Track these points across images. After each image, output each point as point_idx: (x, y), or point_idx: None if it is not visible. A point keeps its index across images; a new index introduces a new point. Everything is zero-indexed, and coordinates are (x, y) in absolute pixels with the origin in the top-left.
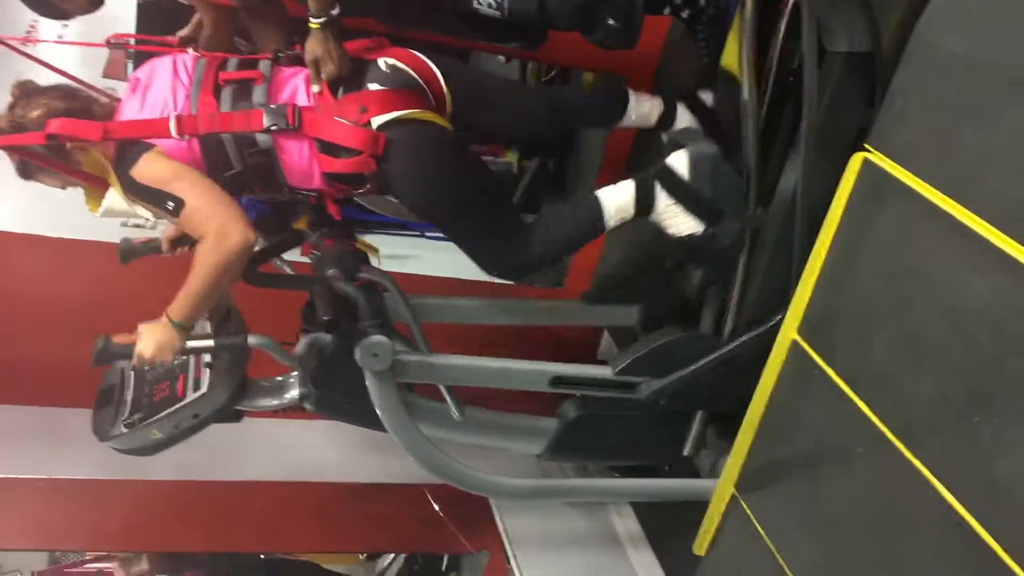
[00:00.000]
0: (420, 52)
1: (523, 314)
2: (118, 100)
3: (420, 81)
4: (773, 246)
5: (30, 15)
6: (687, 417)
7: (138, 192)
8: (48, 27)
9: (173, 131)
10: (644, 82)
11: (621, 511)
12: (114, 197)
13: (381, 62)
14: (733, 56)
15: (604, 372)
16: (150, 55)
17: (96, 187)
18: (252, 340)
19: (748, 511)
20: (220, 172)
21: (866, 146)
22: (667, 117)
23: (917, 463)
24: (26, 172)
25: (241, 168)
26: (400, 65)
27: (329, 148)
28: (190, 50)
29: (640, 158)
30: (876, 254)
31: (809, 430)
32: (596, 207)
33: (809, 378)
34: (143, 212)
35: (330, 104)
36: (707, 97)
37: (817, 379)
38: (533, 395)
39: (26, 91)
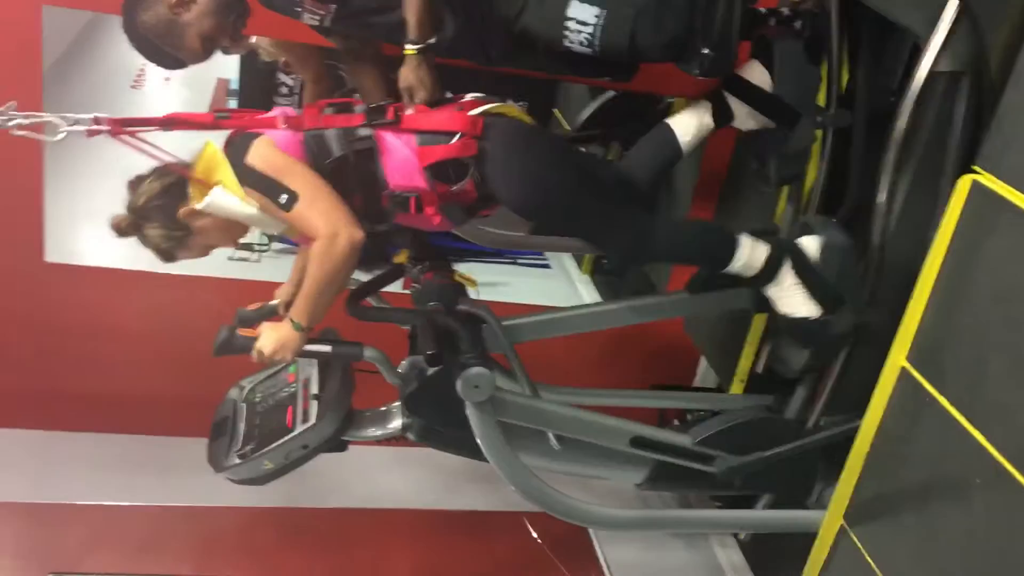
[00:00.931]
0: None
1: (616, 317)
2: None
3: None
4: (878, 343)
5: (140, 60)
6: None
7: (253, 181)
8: (156, 71)
9: (281, 123)
10: None
11: (724, 541)
12: (218, 192)
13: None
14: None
15: (684, 440)
16: (253, 98)
17: (203, 187)
18: (367, 352)
19: (858, 543)
20: (323, 161)
21: (975, 168)
22: (722, 114)
23: None
24: (168, 257)
25: (343, 154)
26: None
27: (429, 139)
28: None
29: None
30: (988, 277)
31: (921, 460)
32: (733, 244)
33: (920, 406)
34: (249, 210)
35: (426, 110)
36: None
37: (928, 407)
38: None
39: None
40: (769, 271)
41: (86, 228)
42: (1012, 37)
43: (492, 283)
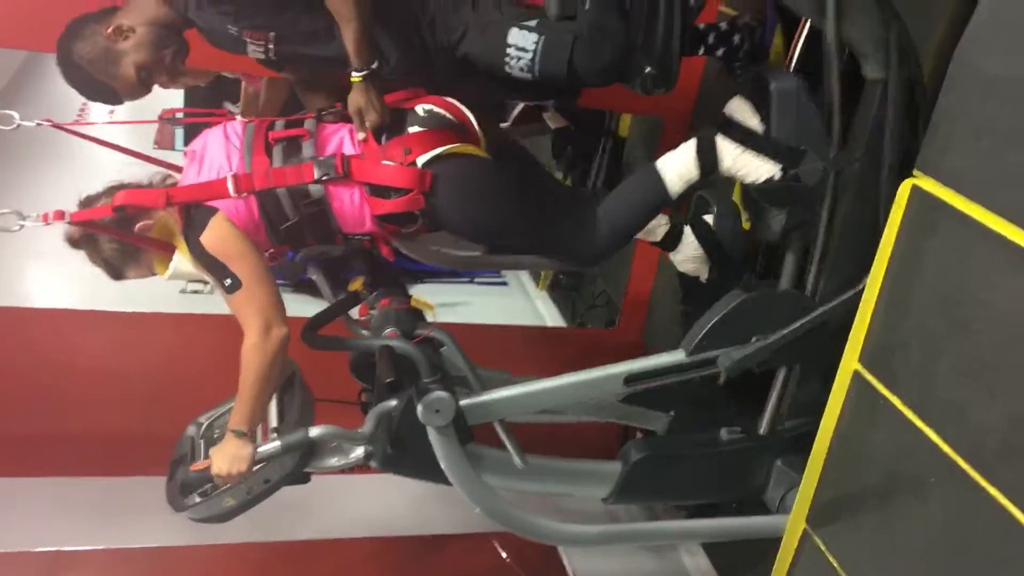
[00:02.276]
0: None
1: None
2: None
3: (455, 120)
4: (856, 192)
5: (80, 98)
6: (755, 452)
7: (204, 260)
8: (98, 108)
9: (231, 190)
10: (682, 121)
11: (691, 548)
12: (181, 260)
13: (419, 108)
14: None
15: (677, 357)
16: (200, 126)
17: (164, 253)
18: (315, 432)
19: (821, 545)
20: (278, 225)
21: (914, 172)
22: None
23: (993, 491)
24: (117, 273)
25: (297, 219)
26: (436, 109)
27: (379, 191)
28: (238, 116)
29: None
30: (933, 280)
31: (879, 461)
32: (654, 175)
33: (874, 408)
34: (207, 276)
35: (375, 150)
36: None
37: (882, 409)
38: (594, 439)
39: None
40: (706, 158)
41: (34, 269)
42: (944, 40)
43: (450, 303)
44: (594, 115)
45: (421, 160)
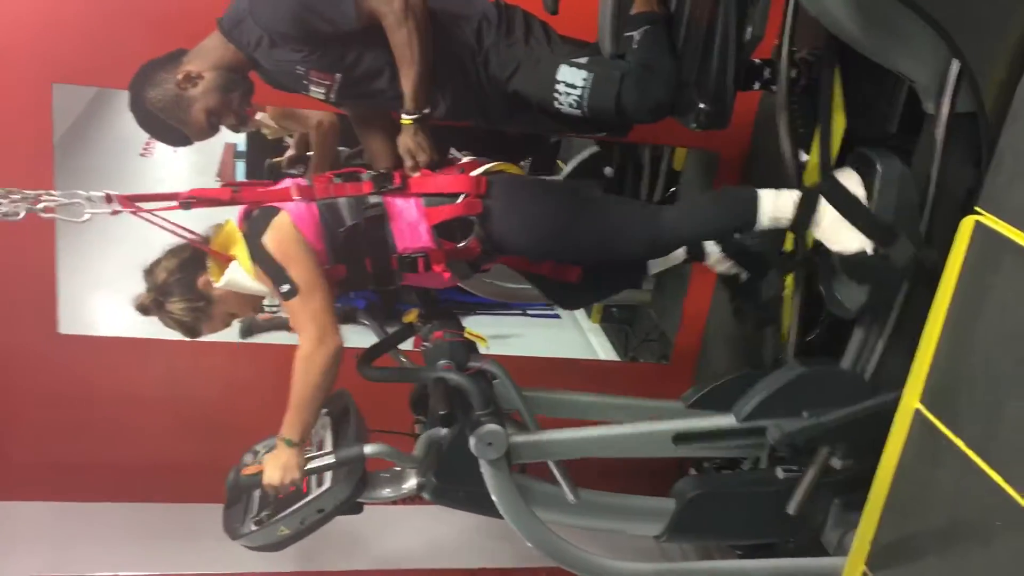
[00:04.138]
0: None
1: (630, 413)
2: None
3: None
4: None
5: (145, 134)
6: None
7: (263, 262)
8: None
9: (294, 194)
10: (737, 157)
11: None
12: (236, 270)
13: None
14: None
15: (728, 421)
16: (261, 162)
17: (221, 260)
18: (369, 450)
19: None
20: (336, 230)
21: (977, 209)
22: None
23: None
24: (192, 332)
25: (355, 222)
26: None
27: (435, 200)
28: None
29: None
30: (997, 318)
31: (941, 503)
32: (752, 199)
33: (936, 449)
34: (260, 287)
35: (430, 173)
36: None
37: (945, 450)
38: (647, 475)
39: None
40: (805, 212)
41: (98, 298)
42: (1007, 76)
43: (503, 335)
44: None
45: (475, 172)
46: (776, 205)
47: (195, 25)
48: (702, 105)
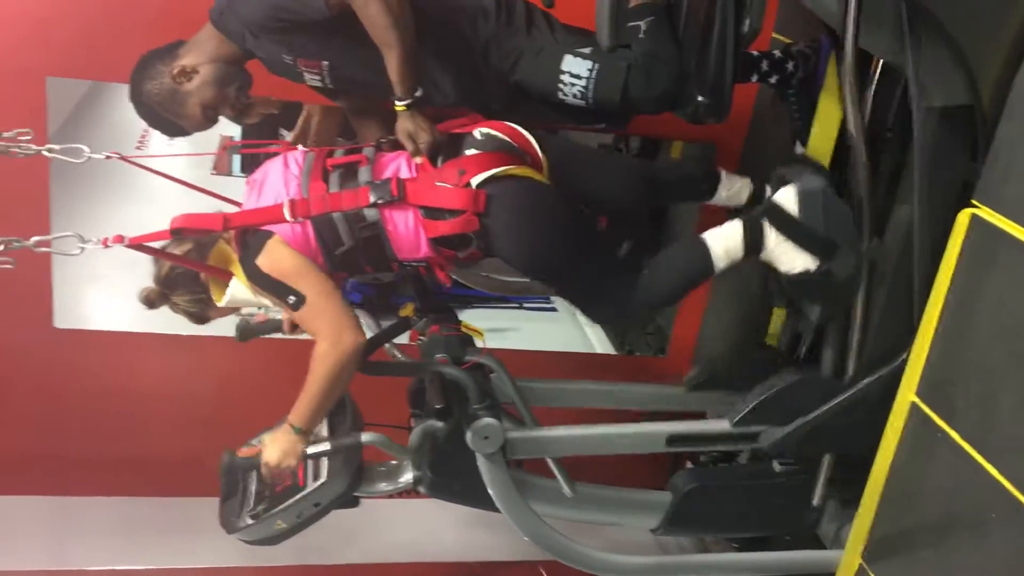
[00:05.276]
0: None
1: (628, 399)
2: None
3: (515, 145)
4: (891, 279)
5: (141, 125)
6: (806, 484)
7: (262, 282)
8: (158, 136)
9: (287, 215)
10: (735, 149)
11: None
12: (237, 287)
13: (476, 132)
14: (825, 121)
15: (722, 426)
16: (256, 155)
17: (222, 278)
18: (366, 438)
19: None
20: (333, 250)
21: (973, 202)
22: (758, 197)
23: None
24: (200, 319)
25: (352, 244)
26: (494, 132)
27: (433, 213)
28: (300, 146)
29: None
30: (992, 311)
31: (937, 495)
32: (703, 249)
33: (932, 441)
34: (265, 301)
35: (431, 173)
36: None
37: (940, 442)
38: (644, 468)
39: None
40: (753, 239)
41: (93, 292)
42: (1003, 70)
43: (499, 329)
44: None
45: (475, 180)
46: (727, 247)
47: (192, 16)
48: (700, 98)
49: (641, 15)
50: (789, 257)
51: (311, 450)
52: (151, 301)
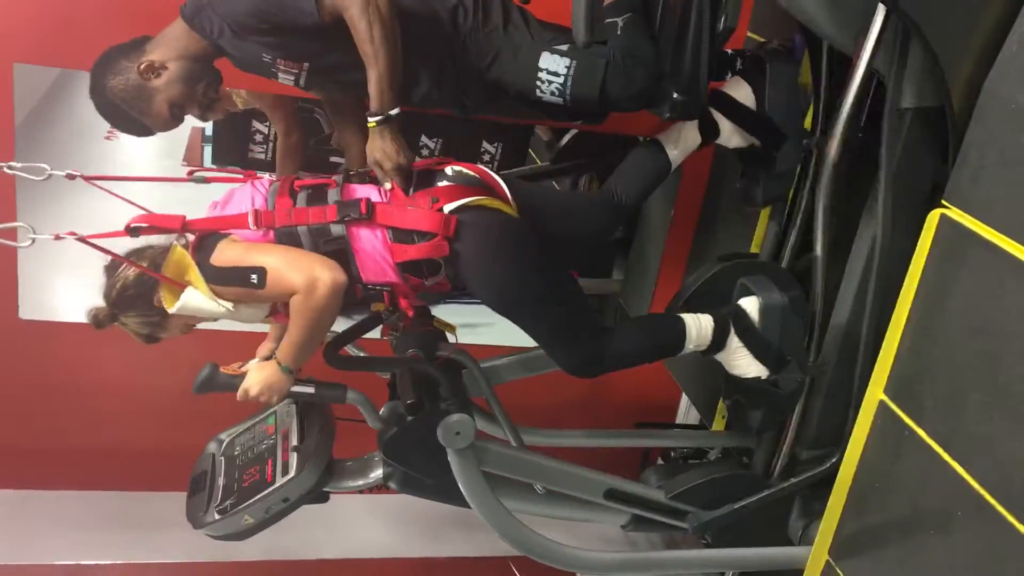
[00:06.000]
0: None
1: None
2: None
3: (484, 183)
4: (828, 392)
5: None
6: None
7: (221, 278)
8: None
9: (251, 223)
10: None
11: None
12: (190, 294)
13: (448, 169)
14: None
15: (657, 495)
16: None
17: (175, 287)
18: (350, 395)
19: None
20: None
21: (943, 203)
22: (709, 130)
23: (1021, 527)
24: (150, 340)
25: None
26: (466, 171)
27: (402, 236)
28: (267, 175)
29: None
30: (961, 311)
31: (904, 493)
32: (682, 331)
33: (899, 439)
34: (220, 309)
35: (402, 199)
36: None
37: (908, 440)
38: (614, 463)
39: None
40: (718, 340)
41: (60, 283)
42: (973, 72)
43: (472, 324)
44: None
45: (448, 207)
46: (699, 334)
47: (162, 4)
48: (676, 95)
49: (618, 11)
50: (745, 362)
51: (293, 388)
52: (99, 321)
